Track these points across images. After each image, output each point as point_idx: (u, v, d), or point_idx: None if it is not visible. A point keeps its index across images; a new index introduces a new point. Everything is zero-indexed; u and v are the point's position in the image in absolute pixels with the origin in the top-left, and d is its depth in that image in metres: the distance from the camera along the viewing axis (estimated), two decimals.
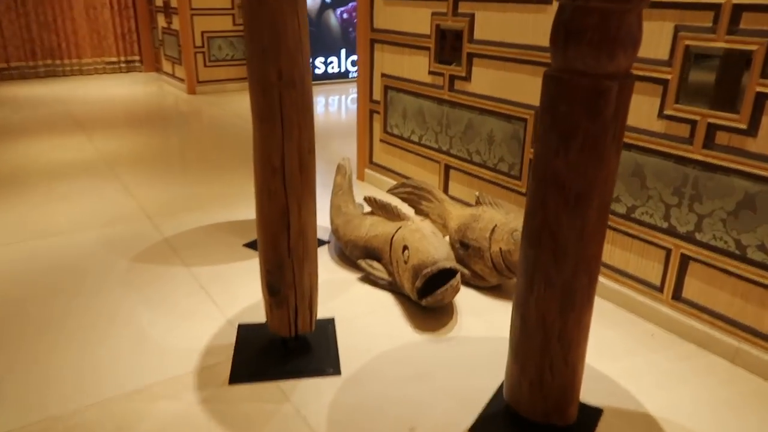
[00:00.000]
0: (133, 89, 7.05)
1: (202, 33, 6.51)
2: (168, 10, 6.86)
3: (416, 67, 3.13)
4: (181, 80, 6.88)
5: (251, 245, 2.79)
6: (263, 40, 1.55)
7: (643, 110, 2.08)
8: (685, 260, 2.05)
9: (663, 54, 1.99)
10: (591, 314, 1.50)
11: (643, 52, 2.03)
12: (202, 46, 6.57)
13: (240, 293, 2.36)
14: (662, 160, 2.04)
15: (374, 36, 3.40)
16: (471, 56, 2.77)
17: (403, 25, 3.17)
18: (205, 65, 6.66)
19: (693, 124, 1.94)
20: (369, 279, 2.45)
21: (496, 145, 2.73)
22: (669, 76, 1.98)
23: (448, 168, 3.07)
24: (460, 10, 2.79)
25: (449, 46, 2.90)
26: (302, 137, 1.67)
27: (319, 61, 7.44)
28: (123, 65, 8.05)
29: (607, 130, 1.29)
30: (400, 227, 2.30)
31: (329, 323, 2.16)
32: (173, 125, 5.44)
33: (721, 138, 1.88)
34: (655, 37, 1.99)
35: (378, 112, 3.51)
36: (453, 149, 3.00)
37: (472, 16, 2.72)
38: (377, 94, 3.48)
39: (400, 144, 3.39)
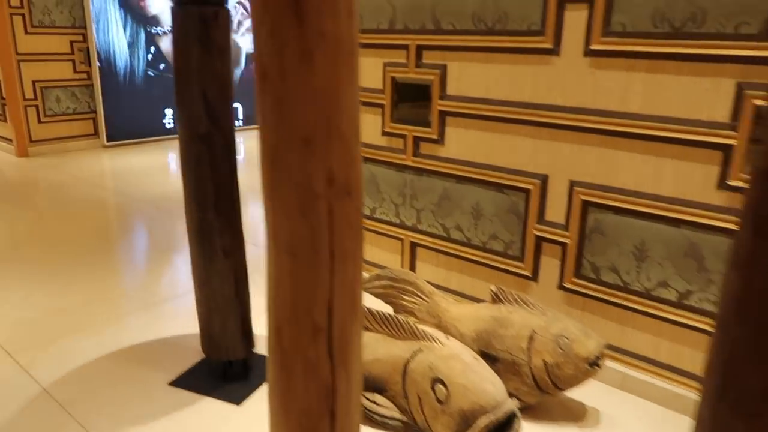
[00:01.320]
0: None
1: (34, 83, 5.33)
2: None
3: (364, 127, 2.59)
4: (8, 140, 5.56)
5: (182, 384, 2.01)
6: (306, 126, 0.92)
7: (696, 180, 1.76)
8: None
9: (723, 115, 1.68)
10: None
11: (697, 113, 1.72)
12: (35, 99, 5.37)
13: None
14: (725, 238, 1.73)
15: None
16: (443, 115, 2.31)
17: None
18: (40, 121, 5.45)
19: None
20: (372, 419, 1.82)
21: (485, 219, 2.27)
22: (732, 141, 1.67)
23: (414, 246, 2.55)
24: (424, 60, 2.32)
25: (410, 102, 2.41)
26: (356, 272, 1.05)
27: None
28: None
29: None
30: (419, 349, 1.71)
31: None
32: (3, 200, 4.26)
33: None
34: (712, 96, 1.69)
35: None
36: (422, 224, 2.49)
37: (443, 68, 2.26)
38: None
39: None
